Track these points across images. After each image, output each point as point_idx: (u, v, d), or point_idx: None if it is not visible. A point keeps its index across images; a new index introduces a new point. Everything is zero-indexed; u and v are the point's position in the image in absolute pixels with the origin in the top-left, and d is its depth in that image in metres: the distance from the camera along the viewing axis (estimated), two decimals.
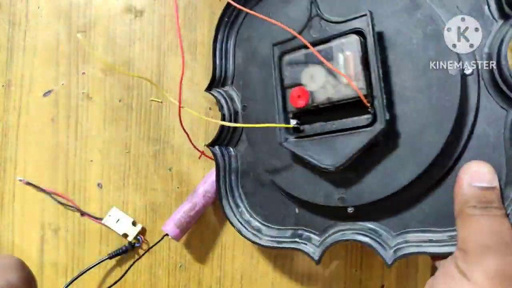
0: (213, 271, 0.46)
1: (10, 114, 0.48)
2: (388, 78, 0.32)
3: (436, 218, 0.33)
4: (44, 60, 0.48)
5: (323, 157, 0.33)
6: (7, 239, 0.47)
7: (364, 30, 0.31)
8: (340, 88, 0.32)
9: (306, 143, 0.34)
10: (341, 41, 0.32)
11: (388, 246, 0.34)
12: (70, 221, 0.47)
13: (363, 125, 0.32)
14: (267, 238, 0.39)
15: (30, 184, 0.47)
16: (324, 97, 0.33)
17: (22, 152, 0.47)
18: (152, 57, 0.47)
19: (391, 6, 0.32)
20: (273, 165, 0.38)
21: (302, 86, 0.34)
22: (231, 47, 0.43)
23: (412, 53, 0.32)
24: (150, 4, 0.47)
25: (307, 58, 0.33)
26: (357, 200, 0.34)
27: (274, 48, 0.35)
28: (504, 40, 0.30)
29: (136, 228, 0.46)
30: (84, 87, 0.47)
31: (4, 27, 0.48)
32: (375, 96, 0.31)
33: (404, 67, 0.32)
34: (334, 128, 0.33)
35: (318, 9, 0.34)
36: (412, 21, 0.31)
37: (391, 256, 0.33)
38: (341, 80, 0.32)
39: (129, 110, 0.47)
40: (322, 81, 0.33)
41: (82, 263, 0.46)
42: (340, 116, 0.33)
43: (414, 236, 0.33)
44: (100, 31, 0.48)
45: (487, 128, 0.31)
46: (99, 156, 0.47)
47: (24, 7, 0.48)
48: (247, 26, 0.42)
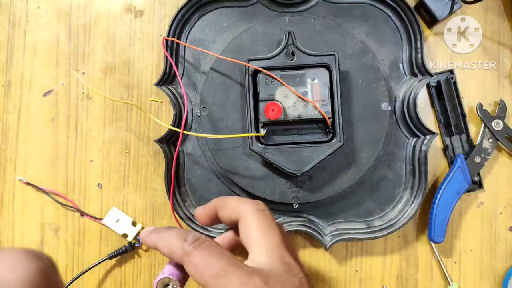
0: None
1: (10, 114, 0.48)
2: (343, 106, 0.41)
3: (356, 211, 0.44)
4: (44, 60, 0.48)
5: (288, 163, 0.40)
6: (7, 239, 0.47)
7: (331, 66, 0.40)
8: (309, 109, 0.40)
9: (273, 150, 0.40)
10: (312, 71, 0.40)
11: (324, 234, 0.44)
12: (70, 221, 0.47)
13: (324, 141, 0.41)
14: (217, 230, 0.44)
15: (30, 184, 0.47)
16: (295, 113, 0.40)
17: (22, 152, 0.47)
18: (152, 57, 0.47)
19: (350, 49, 0.42)
20: (231, 166, 0.43)
21: (276, 101, 0.40)
22: (182, 46, 0.45)
23: (359, 90, 0.42)
24: (150, 4, 0.47)
25: (282, 79, 0.40)
26: (309, 199, 0.42)
27: (250, 62, 0.40)
28: (412, 91, 0.43)
29: (136, 228, 0.46)
30: (84, 87, 0.47)
31: (4, 27, 0.48)
32: (335, 119, 0.40)
33: (353, 99, 0.42)
34: (299, 140, 0.41)
35: (294, 39, 0.40)
36: (360, 65, 0.42)
37: (328, 242, 0.43)
38: (310, 102, 0.40)
39: (129, 110, 0.47)
40: (294, 101, 0.40)
41: (82, 263, 0.46)
42: (304, 130, 0.41)
43: (342, 225, 0.44)
44: (100, 31, 0.48)
45: (395, 150, 0.44)
46: (99, 156, 0.47)
47: (24, 7, 0.48)
48: (199, 30, 0.45)
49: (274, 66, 0.40)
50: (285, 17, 0.43)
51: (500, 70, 0.46)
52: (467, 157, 0.44)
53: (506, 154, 0.46)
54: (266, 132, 0.40)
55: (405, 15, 0.44)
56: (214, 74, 0.43)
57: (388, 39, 0.44)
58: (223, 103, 0.43)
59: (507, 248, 0.46)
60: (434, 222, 0.43)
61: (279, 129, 0.41)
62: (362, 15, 0.44)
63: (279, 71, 0.40)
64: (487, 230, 0.46)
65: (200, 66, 0.45)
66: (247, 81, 0.40)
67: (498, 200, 0.46)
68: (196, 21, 0.45)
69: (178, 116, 0.43)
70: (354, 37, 0.43)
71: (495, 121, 0.44)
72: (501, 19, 0.46)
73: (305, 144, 0.40)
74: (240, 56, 0.42)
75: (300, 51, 0.40)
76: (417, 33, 0.43)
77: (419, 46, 0.43)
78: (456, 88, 0.45)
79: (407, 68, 0.44)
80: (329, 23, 0.43)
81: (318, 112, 0.39)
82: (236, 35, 0.43)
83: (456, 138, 0.45)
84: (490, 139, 0.45)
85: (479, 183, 0.45)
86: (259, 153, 0.40)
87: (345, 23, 0.44)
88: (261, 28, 0.43)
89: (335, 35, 0.43)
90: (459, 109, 0.45)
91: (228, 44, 0.43)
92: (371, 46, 0.44)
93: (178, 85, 0.45)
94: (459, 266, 0.46)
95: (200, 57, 0.45)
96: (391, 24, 0.44)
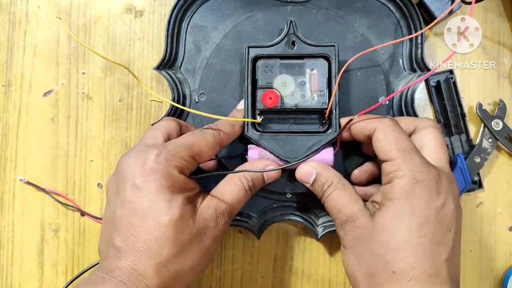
0: (213, 271, 0.46)
1: (10, 114, 0.48)
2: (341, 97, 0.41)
3: None
4: (44, 60, 0.48)
5: (283, 151, 0.40)
6: (7, 239, 0.47)
7: (330, 57, 0.40)
8: (307, 98, 0.40)
9: (268, 137, 0.40)
10: (311, 61, 0.40)
11: (316, 224, 0.44)
12: (70, 221, 0.47)
13: (320, 131, 0.41)
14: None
15: (30, 184, 0.47)
16: (293, 103, 0.40)
17: (22, 152, 0.47)
18: (152, 57, 0.47)
19: (350, 41, 0.43)
20: (226, 153, 0.43)
21: (273, 89, 0.40)
22: (183, 31, 0.45)
23: (358, 83, 0.43)
24: (150, 4, 0.47)
25: (281, 67, 0.40)
26: (303, 189, 0.41)
27: (250, 49, 0.40)
28: (411, 87, 0.43)
29: None
30: (84, 87, 0.47)
31: (4, 27, 0.48)
32: (332, 110, 0.39)
33: (351, 91, 0.43)
34: (295, 130, 0.41)
35: (295, 29, 0.40)
36: (360, 58, 0.40)
37: (320, 232, 0.43)
38: (307, 92, 0.40)
39: (129, 110, 0.47)
40: (292, 89, 0.40)
41: (82, 263, 0.47)
42: (301, 119, 0.41)
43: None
44: (100, 31, 0.48)
45: None
46: (99, 156, 0.47)
47: (24, 7, 0.48)
48: (200, 16, 0.45)
49: (274, 54, 0.40)
50: (287, 6, 0.44)
51: (500, 70, 0.46)
52: (466, 157, 0.44)
53: (506, 154, 0.46)
54: (262, 120, 0.40)
55: (407, 10, 0.44)
56: (214, 61, 0.44)
57: (389, 33, 0.44)
58: (221, 90, 0.43)
59: (506, 248, 0.46)
60: None
61: (276, 118, 0.41)
62: (364, 8, 0.44)
63: (279, 60, 0.40)
64: (486, 230, 0.46)
65: (200, 52, 0.45)
66: (246, 68, 0.40)
67: (497, 200, 0.46)
68: (199, 7, 0.45)
69: (177, 101, 0.44)
70: (355, 29, 0.43)
71: (494, 121, 0.44)
72: (501, 19, 0.46)
73: (301, 133, 0.40)
74: (240, 43, 0.43)
75: (301, 41, 0.40)
76: (418, 28, 0.43)
77: (420, 42, 0.43)
78: (456, 88, 0.45)
79: (406, 64, 0.44)
80: (331, 15, 0.43)
81: (315, 102, 0.40)
82: (238, 22, 0.44)
83: (455, 138, 0.45)
84: (490, 139, 0.45)
85: (479, 183, 0.45)
86: (254, 140, 0.40)
87: (347, 16, 0.44)
88: (263, 17, 0.43)
89: (337, 26, 0.43)
90: (459, 109, 0.45)
91: (229, 31, 0.44)
92: (371, 40, 0.44)
93: (178, 70, 0.45)
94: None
95: (201, 43, 0.45)
96: (393, 19, 0.44)
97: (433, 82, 0.46)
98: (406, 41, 0.44)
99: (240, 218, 0.44)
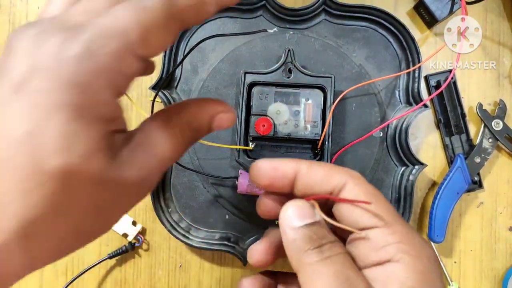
0: (213, 271, 0.46)
1: None
2: (334, 127, 0.41)
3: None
4: None
5: None
6: None
7: (326, 88, 0.40)
8: (300, 128, 0.40)
9: None
10: (307, 91, 0.40)
11: None
12: None
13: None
14: (198, 239, 0.43)
15: None
16: (286, 131, 0.40)
17: None
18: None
19: (347, 72, 0.43)
20: (216, 178, 0.43)
21: (267, 117, 0.40)
22: (181, 51, 0.45)
23: (352, 113, 0.43)
24: None
25: (276, 95, 0.40)
26: None
27: (246, 75, 0.40)
28: (405, 120, 0.42)
29: (136, 228, 0.46)
30: None
31: (4, 27, 0.48)
32: (324, 141, 0.40)
33: (346, 122, 0.43)
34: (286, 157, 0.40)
35: (293, 58, 0.40)
36: (356, 89, 0.41)
37: None
38: (301, 122, 0.40)
39: (129, 110, 0.47)
40: (286, 118, 0.40)
41: (82, 263, 0.46)
42: (293, 148, 0.42)
43: None
44: None
45: (383, 176, 0.44)
46: None
47: (24, 7, 0.48)
48: (199, 37, 0.45)
49: (270, 81, 0.40)
50: (285, 33, 0.44)
51: (500, 70, 0.46)
52: (467, 157, 0.44)
53: (506, 154, 0.46)
54: (254, 146, 0.41)
55: (406, 42, 0.43)
56: (210, 84, 0.44)
57: (387, 65, 0.44)
58: None
59: (507, 248, 0.46)
60: (434, 222, 0.43)
61: (268, 145, 0.42)
62: (363, 38, 0.44)
63: (274, 87, 0.40)
64: (487, 230, 0.46)
65: (197, 74, 0.44)
66: (242, 93, 0.40)
67: (498, 200, 0.46)
68: (198, 28, 0.45)
69: None
70: (353, 60, 0.43)
71: (495, 121, 0.44)
72: (501, 19, 0.46)
73: None
74: (237, 68, 0.43)
75: (298, 70, 0.40)
76: (416, 62, 0.43)
77: (417, 76, 0.43)
78: (456, 88, 0.45)
79: (402, 96, 0.44)
80: (329, 44, 0.43)
81: (308, 132, 0.40)
82: (236, 46, 0.44)
83: (456, 138, 0.45)
84: (490, 139, 0.45)
85: (479, 183, 0.45)
86: (245, 167, 0.40)
87: (346, 45, 0.44)
88: (261, 42, 0.44)
89: (334, 56, 0.43)
90: (459, 109, 0.45)
91: (227, 54, 0.44)
92: (369, 70, 0.44)
93: (174, 90, 0.45)
94: (459, 266, 0.46)
95: (198, 65, 0.44)
96: (391, 51, 0.44)
97: (433, 82, 0.46)
98: (404, 74, 0.44)
99: (227, 243, 0.43)
